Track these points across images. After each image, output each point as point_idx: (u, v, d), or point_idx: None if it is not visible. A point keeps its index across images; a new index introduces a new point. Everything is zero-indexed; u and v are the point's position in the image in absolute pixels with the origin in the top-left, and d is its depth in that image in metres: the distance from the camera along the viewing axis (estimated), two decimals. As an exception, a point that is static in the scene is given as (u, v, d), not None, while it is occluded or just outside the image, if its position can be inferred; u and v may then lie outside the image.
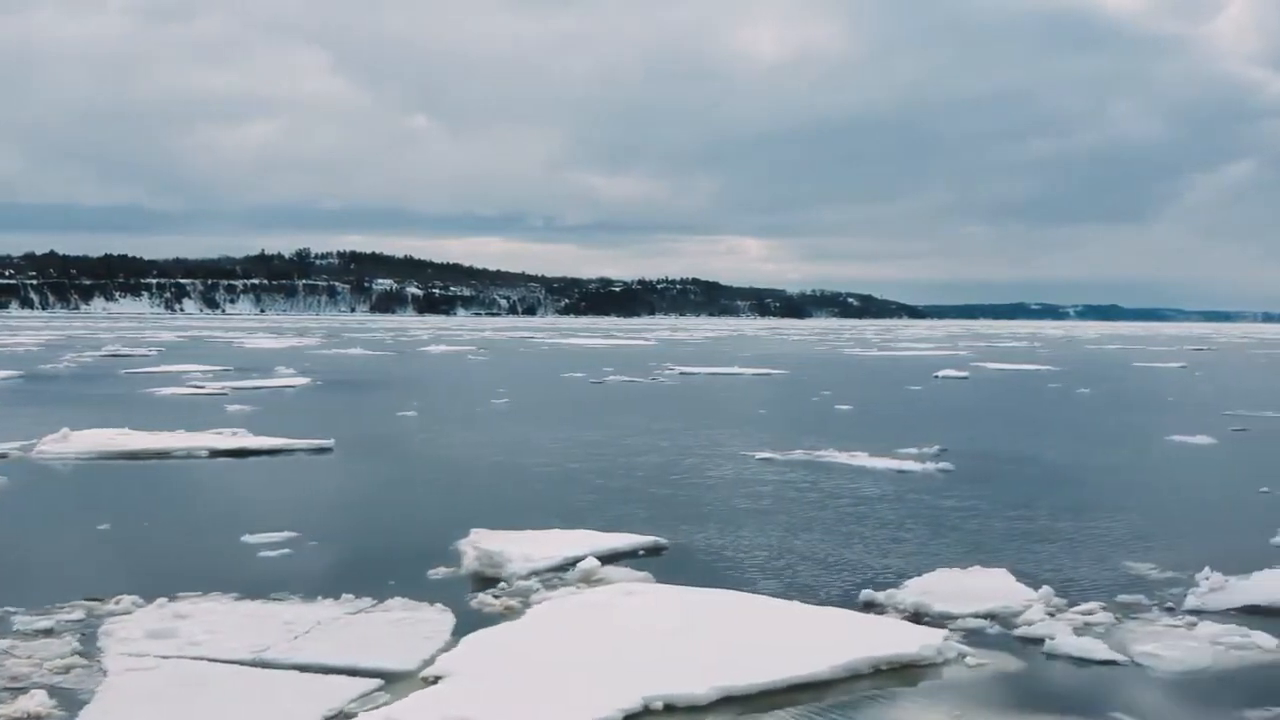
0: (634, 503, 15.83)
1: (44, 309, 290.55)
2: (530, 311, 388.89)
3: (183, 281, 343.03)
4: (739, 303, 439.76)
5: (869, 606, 10.17)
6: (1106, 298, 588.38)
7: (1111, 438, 25.12)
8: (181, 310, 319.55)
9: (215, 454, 20.15)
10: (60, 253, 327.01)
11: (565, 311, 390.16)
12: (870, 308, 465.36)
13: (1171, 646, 8.95)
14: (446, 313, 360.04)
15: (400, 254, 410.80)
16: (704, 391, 40.03)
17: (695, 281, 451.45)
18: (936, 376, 50.07)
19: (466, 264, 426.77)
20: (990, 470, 19.56)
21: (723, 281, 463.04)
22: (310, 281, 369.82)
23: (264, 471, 19.23)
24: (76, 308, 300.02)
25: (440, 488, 17.77)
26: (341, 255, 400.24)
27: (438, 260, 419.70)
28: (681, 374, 50.33)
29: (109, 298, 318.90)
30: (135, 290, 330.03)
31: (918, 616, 9.85)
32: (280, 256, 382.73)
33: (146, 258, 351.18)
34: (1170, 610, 10.18)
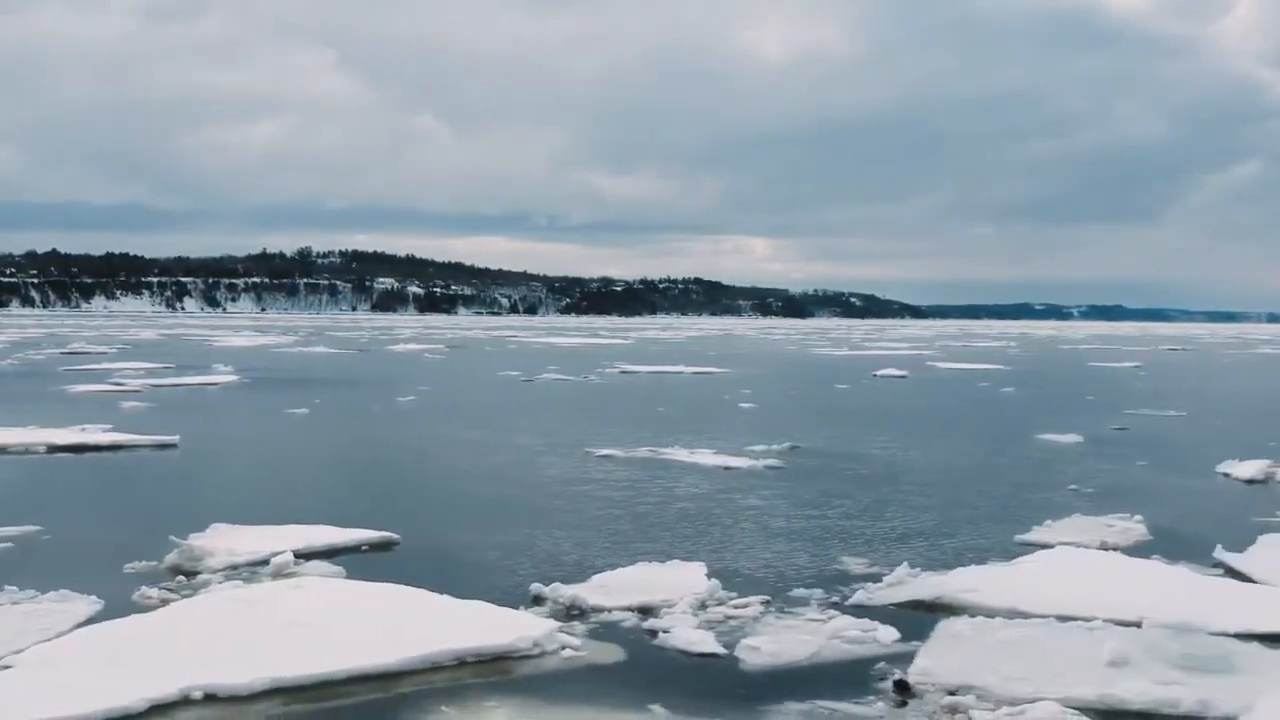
0: (404, 499, 16.02)
1: (45, 307, 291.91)
2: (531, 311, 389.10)
3: (184, 280, 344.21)
4: (740, 302, 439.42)
5: (536, 600, 10.26)
6: (1111, 298, 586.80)
7: (977, 437, 25.12)
8: (182, 309, 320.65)
9: (52, 449, 20.31)
10: (62, 251, 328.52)
11: (566, 311, 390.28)
12: (873, 307, 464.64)
13: (776, 640, 9.03)
14: (448, 312, 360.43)
15: (404, 253, 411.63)
16: (620, 390, 40.09)
17: (697, 281, 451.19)
18: (874, 375, 50.12)
19: (468, 263, 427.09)
20: (820, 468, 19.61)
21: (725, 281, 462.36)
22: (311, 280, 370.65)
23: (72, 467, 19.35)
24: (77, 306, 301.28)
25: (224, 483, 17.94)
26: (343, 254, 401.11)
27: (439, 260, 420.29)
28: (622, 372, 50.44)
29: (110, 296, 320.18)
30: (136, 289, 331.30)
31: (567, 609, 9.94)
32: (282, 255, 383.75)
33: (150, 256, 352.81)
34: (832, 605, 10.23)
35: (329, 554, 12.05)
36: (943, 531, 13.93)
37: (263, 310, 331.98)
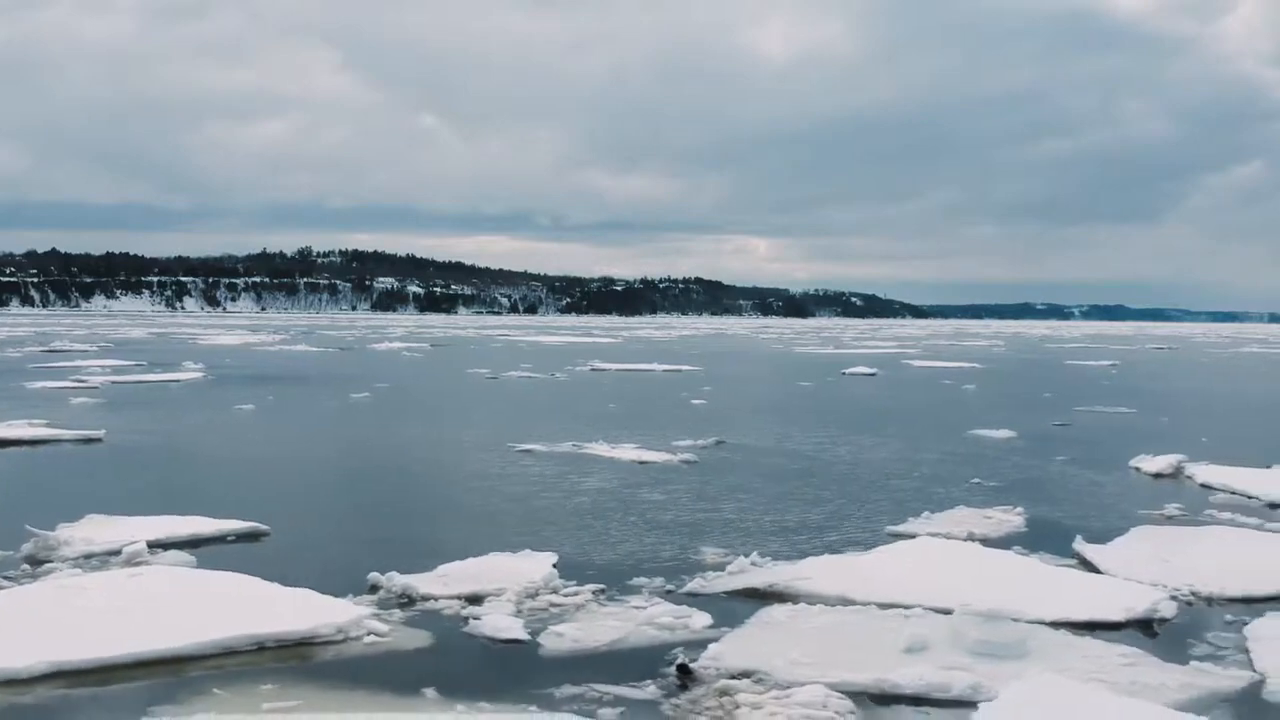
0: (295, 492, 16.31)
1: (45, 306, 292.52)
2: (532, 310, 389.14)
3: (184, 280, 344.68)
4: (741, 302, 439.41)
5: (372, 589, 10.31)
6: (1113, 298, 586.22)
7: (912, 432, 25.09)
8: (182, 308, 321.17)
9: (-32, 443, 20.47)
10: (62, 250, 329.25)
11: (567, 311, 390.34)
12: (874, 307, 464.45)
13: (585, 627, 9.10)
14: (448, 312, 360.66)
15: (405, 253, 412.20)
16: (580, 387, 40.14)
17: (698, 281, 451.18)
18: (843, 373, 50.20)
19: (469, 263, 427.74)
20: (736, 462, 19.67)
21: (726, 281, 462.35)
22: (312, 280, 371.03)
23: None
24: (77, 306, 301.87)
25: (125, 475, 18.07)
26: (344, 254, 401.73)
27: (440, 259, 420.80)
28: (593, 370, 50.52)
29: (110, 296, 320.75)
30: (136, 289, 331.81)
31: (398, 598, 10.01)
32: (282, 255, 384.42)
33: (154, 255, 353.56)
34: (665, 593, 10.30)
35: (192, 544, 12.13)
36: (824, 523, 13.98)
37: (263, 310, 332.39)
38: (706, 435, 22.82)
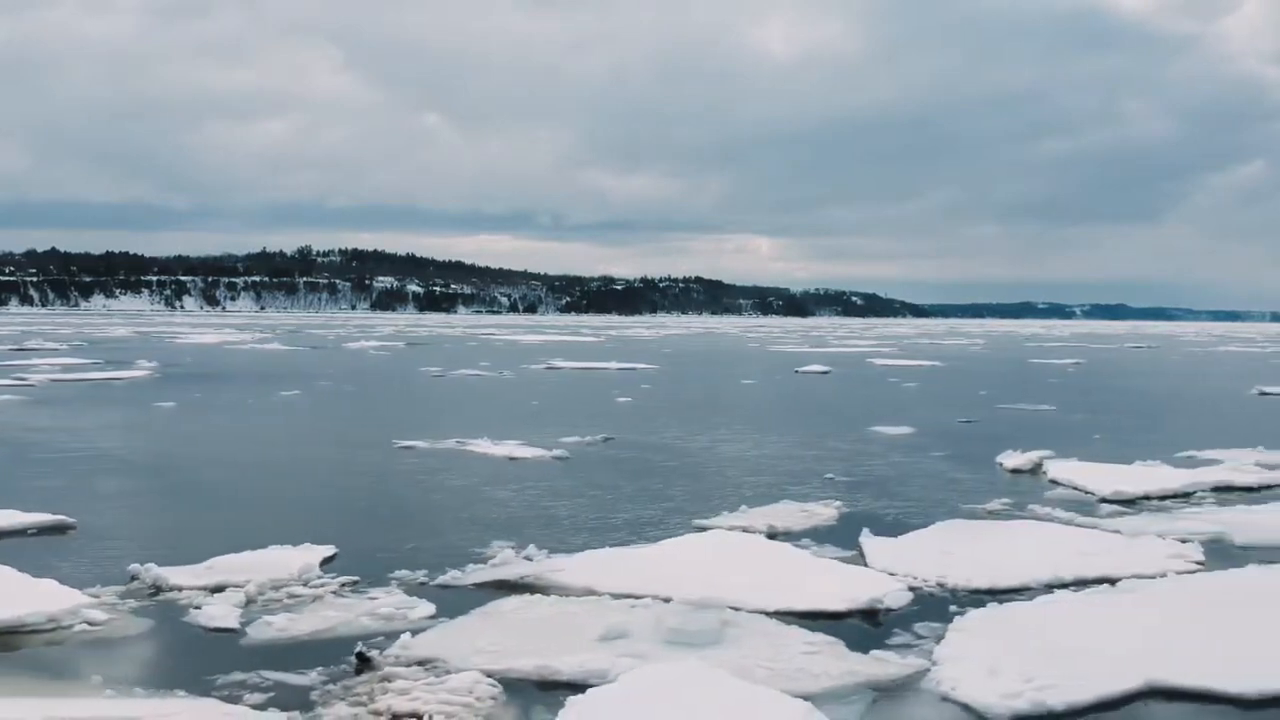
0: (131, 486, 16.30)
1: (44, 306, 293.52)
2: (531, 310, 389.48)
3: (183, 279, 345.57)
4: (741, 301, 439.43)
5: (132, 579, 10.48)
6: (1115, 297, 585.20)
7: (811, 428, 25.19)
8: (181, 308, 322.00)
9: None
10: (62, 250, 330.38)
11: (567, 310, 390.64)
12: (874, 306, 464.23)
13: (300, 617, 9.29)
14: (448, 311, 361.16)
15: (404, 252, 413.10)
16: (518, 385, 40.28)
17: (699, 280, 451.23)
18: (796, 372, 50.37)
19: (469, 262, 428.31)
20: (609, 458, 19.81)
21: (727, 280, 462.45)
22: (311, 279, 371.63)
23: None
24: (76, 305, 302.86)
25: None
26: (344, 253, 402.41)
27: (440, 259, 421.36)
28: (547, 369, 50.69)
29: (109, 295, 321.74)
30: (135, 288, 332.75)
31: (150, 589, 10.18)
32: (282, 254, 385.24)
33: (154, 255, 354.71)
34: (417, 585, 10.47)
35: (-11, 536, 12.29)
36: (639, 518, 14.08)
37: (262, 309, 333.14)
38: (596, 432, 22.98)
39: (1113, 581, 10.54)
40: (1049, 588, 10.44)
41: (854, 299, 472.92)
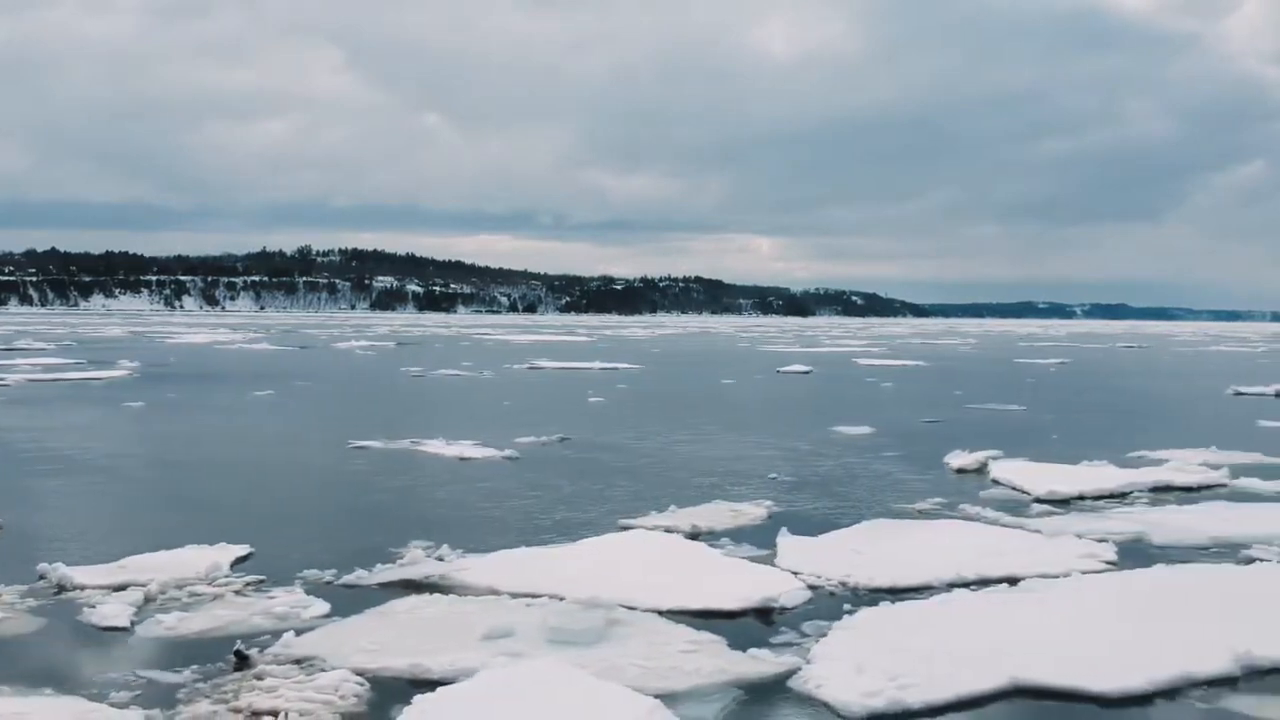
0: (67, 486, 16.27)
1: (43, 306, 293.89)
2: (531, 309, 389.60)
3: (183, 279, 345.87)
4: (741, 301, 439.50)
5: (40, 578, 10.57)
6: (1116, 297, 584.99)
7: (773, 428, 25.23)
8: (181, 307, 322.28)
9: None
10: (61, 249, 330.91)
11: (566, 309, 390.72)
12: (874, 306, 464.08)
13: (194, 616, 9.37)
14: (447, 310, 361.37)
15: (404, 252, 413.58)
16: (494, 386, 40.35)
17: (699, 280, 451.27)
18: (777, 372, 50.45)
19: (469, 262, 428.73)
20: (560, 459, 19.88)
21: (727, 280, 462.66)
22: (311, 279, 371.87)
23: None
24: (75, 305, 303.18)
25: None
26: (343, 252, 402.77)
27: (440, 258, 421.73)
28: (529, 369, 50.77)
29: (109, 295, 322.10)
30: (135, 288, 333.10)
31: (54, 589, 10.27)
32: (282, 254, 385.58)
33: (153, 255, 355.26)
34: (322, 584, 10.54)
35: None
36: (566, 517, 14.15)
37: (261, 309, 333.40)
38: (553, 433, 23.06)
39: (1014, 581, 10.58)
40: (950, 587, 10.48)
41: (854, 299, 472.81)
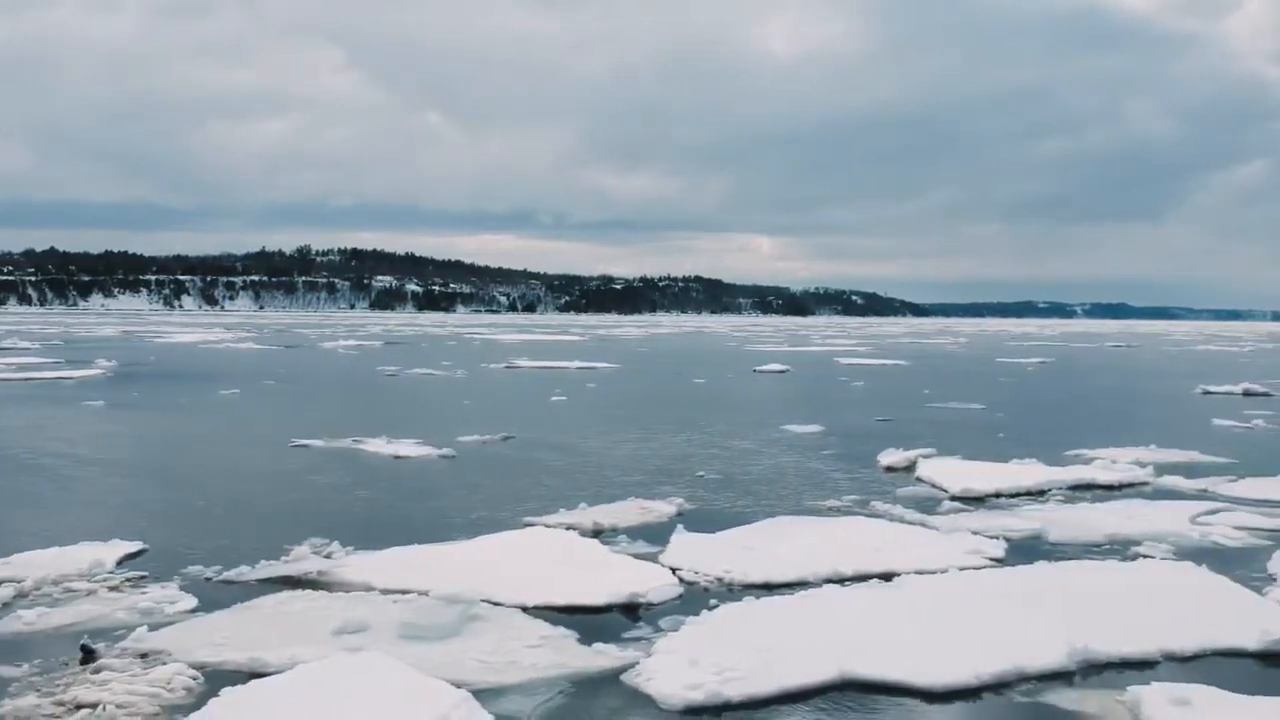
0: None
1: (42, 305, 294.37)
2: (530, 309, 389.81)
3: (182, 278, 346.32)
4: (741, 300, 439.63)
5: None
6: (1116, 296, 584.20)
7: (728, 427, 25.27)
8: (180, 307, 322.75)
9: None
10: (61, 249, 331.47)
11: (566, 309, 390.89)
12: (875, 305, 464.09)
13: (59, 611, 9.46)
14: (446, 310, 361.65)
15: (404, 251, 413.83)
16: (460, 385, 40.45)
17: (698, 279, 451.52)
18: (754, 371, 50.56)
19: (468, 261, 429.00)
20: (491, 457, 19.99)
21: (728, 280, 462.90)
22: (310, 279, 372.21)
23: None
24: (75, 304, 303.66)
25: None
26: (343, 252, 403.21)
27: (440, 258, 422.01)
28: (506, 368, 50.90)
29: (108, 294, 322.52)
30: (134, 287, 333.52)
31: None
32: (281, 253, 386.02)
33: (153, 254, 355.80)
34: (203, 580, 10.65)
35: None
36: (474, 514, 14.23)
37: (261, 308, 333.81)
38: (507, 431, 23.19)
39: (889, 577, 10.67)
40: (823, 582, 10.58)
41: (854, 298, 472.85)
